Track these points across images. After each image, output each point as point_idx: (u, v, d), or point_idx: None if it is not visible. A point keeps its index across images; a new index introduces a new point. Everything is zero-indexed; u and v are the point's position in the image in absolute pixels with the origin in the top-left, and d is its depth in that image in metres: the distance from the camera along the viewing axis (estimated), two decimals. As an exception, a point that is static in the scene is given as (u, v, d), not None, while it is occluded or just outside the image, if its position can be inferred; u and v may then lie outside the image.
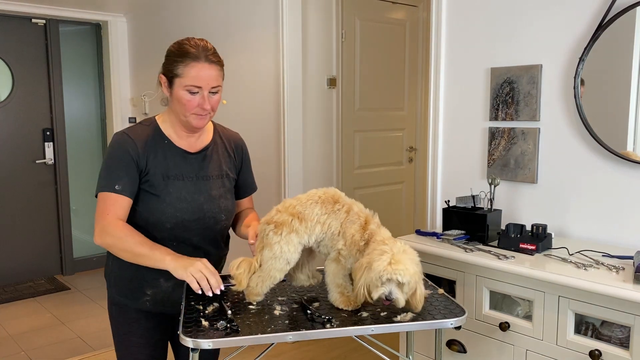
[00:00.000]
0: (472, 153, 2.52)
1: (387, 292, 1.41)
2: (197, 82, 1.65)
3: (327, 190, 1.61)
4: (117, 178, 1.67)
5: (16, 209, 4.62)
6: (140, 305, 1.81)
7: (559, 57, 2.19)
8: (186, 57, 1.66)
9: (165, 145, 1.74)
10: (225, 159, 1.84)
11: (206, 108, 1.68)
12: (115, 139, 1.73)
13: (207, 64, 1.66)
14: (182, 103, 1.67)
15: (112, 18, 4.80)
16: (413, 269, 1.42)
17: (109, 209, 1.65)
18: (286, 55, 3.29)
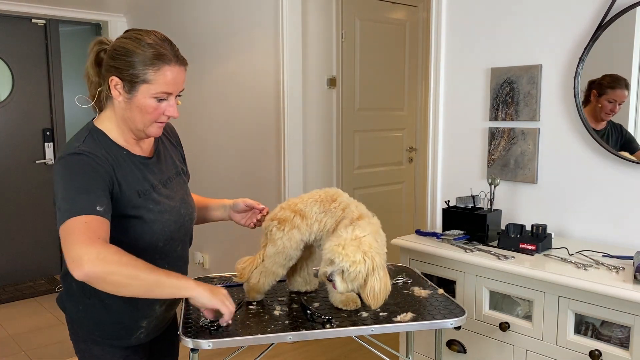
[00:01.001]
0: (472, 153, 2.52)
1: (329, 273, 1.41)
2: (169, 88, 1.43)
3: (328, 190, 1.63)
4: (94, 198, 1.35)
5: (16, 209, 4.62)
6: (134, 341, 1.56)
7: (559, 57, 2.19)
8: (158, 61, 1.41)
9: (124, 156, 1.48)
10: (175, 155, 1.68)
11: (174, 115, 1.48)
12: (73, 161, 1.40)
13: (177, 67, 1.44)
14: (147, 112, 1.44)
15: (112, 18, 4.80)
16: (355, 258, 1.38)
17: (97, 231, 1.31)
18: (286, 55, 3.29)
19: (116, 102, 1.46)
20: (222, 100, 3.85)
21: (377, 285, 1.41)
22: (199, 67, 4.01)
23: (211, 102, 3.95)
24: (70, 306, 1.55)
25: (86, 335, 1.55)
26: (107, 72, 1.44)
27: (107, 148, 1.46)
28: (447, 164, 2.64)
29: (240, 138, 3.73)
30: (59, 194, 1.37)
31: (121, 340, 1.55)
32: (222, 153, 3.91)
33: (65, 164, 1.40)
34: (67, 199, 1.35)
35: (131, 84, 1.41)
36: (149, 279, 1.30)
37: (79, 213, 1.31)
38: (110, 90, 1.44)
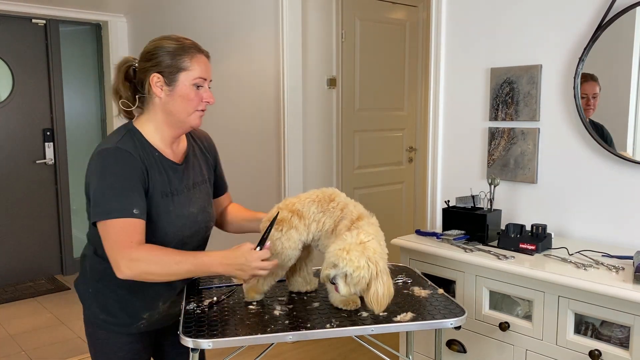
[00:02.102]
0: (472, 153, 2.52)
1: (332, 276, 1.43)
2: (205, 74, 1.57)
3: (325, 190, 1.63)
4: (131, 201, 1.47)
5: (16, 209, 4.62)
6: (134, 329, 1.65)
7: (559, 57, 2.19)
8: (191, 49, 1.56)
9: (156, 158, 1.58)
10: (203, 162, 1.76)
11: (211, 101, 1.59)
12: (112, 154, 1.50)
13: (205, 57, 1.60)
14: (188, 98, 1.55)
15: (112, 18, 4.80)
16: (359, 263, 1.39)
17: (132, 236, 1.45)
18: (286, 55, 3.29)
19: (157, 100, 1.57)
20: (222, 100, 3.85)
21: (381, 290, 1.42)
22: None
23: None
24: (82, 288, 1.68)
25: (92, 318, 1.66)
26: (145, 74, 1.56)
27: (142, 147, 1.56)
28: (447, 164, 2.64)
29: (240, 138, 3.73)
30: (95, 187, 1.48)
31: (122, 327, 1.64)
32: (222, 153, 3.90)
33: (103, 157, 1.50)
34: (104, 197, 1.47)
35: (171, 75, 1.54)
36: (180, 271, 1.47)
37: (116, 216, 1.45)
38: (150, 91, 1.56)
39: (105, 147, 1.52)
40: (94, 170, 1.50)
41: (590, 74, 2.09)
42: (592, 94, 2.11)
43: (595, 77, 2.09)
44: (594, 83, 2.10)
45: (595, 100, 2.10)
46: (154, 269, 1.45)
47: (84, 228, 5.32)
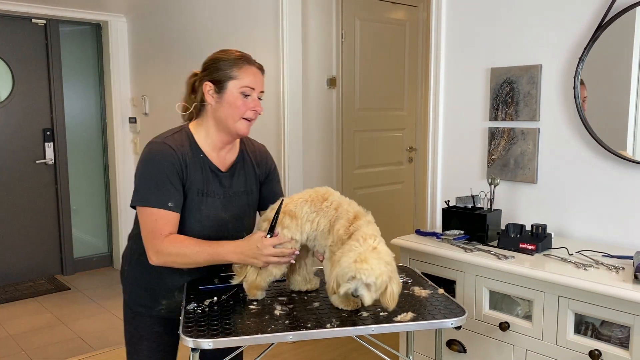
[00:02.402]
0: (472, 153, 2.52)
1: (353, 289, 1.42)
2: (253, 84, 1.68)
3: (318, 189, 1.65)
4: (168, 194, 1.62)
5: (16, 209, 4.62)
6: (155, 312, 1.79)
7: (559, 57, 2.19)
8: (240, 61, 1.69)
9: (200, 159, 1.72)
10: (250, 175, 1.83)
11: (259, 110, 1.70)
12: (157, 148, 1.66)
13: (257, 70, 1.71)
14: (236, 106, 1.67)
15: (112, 18, 4.80)
16: (380, 269, 1.41)
17: (162, 228, 1.62)
18: (286, 55, 3.29)
19: (209, 107, 1.71)
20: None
21: (396, 289, 1.45)
22: (199, 67, 4.01)
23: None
24: (123, 263, 1.86)
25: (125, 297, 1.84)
26: (201, 83, 1.71)
27: (189, 146, 1.70)
28: (447, 164, 2.64)
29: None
30: (138, 175, 1.66)
31: (145, 308, 1.79)
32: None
33: (150, 149, 1.67)
34: (145, 185, 1.64)
35: (221, 83, 1.68)
36: (199, 260, 1.62)
37: (152, 205, 1.62)
38: (204, 99, 1.71)
39: (155, 140, 1.70)
40: (141, 159, 1.67)
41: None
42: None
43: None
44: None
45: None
46: (177, 259, 1.63)
47: (84, 228, 5.35)
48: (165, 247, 1.61)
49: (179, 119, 1.80)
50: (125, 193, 5.02)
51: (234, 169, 1.78)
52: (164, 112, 4.51)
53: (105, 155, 5.08)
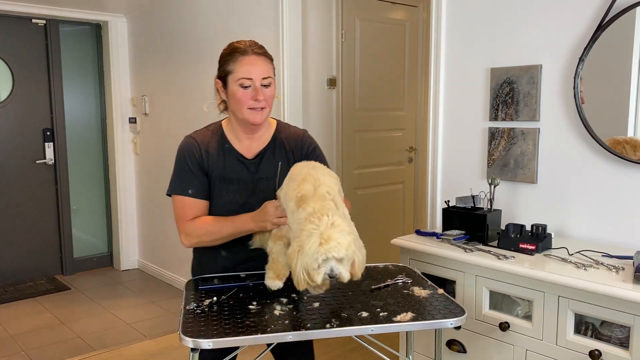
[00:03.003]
0: (472, 153, 2.52)
1: (329, 271, 1.40)
2: (248, 74, 1.71)
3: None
4: (188, 182, 1.79)
5: (16, 209, 4.62)
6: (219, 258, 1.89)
7: (559, 57, 2.19)
8: (235, 53, 1.73)
9: (225, 149, 1.82)
10: (284, 160, 1.84)
11: (259, 99, 1.72)
12: (183, 142, 1.84)
13: (254, 57, 1.73)
14: (237, 98, 1.73)
15: (112, 18, 4.80)
16: (346, 241, 1.39)
17: (187, 213, 1.79)
18: (286, 55, 3.29)
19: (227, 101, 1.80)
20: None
21: (362, 257, 1.46)
22: (199, 67, 4.01)
23: (211, 102, 3.95)
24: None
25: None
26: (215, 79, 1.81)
27: (216, 138, 1.83)
28: (447, 164, 2.64)
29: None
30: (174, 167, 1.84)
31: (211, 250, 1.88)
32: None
33: (180, 143, 1.84)
34: (172, 176, 1.83)
35: (224, 80, 1.76)
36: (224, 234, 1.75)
37: (175, 193, 1.81)
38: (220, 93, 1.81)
39: (186, 135, 1.86)
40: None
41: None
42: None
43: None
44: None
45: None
46: (205, 238, 1.77)
47: (84, 228, 5.35)
48: (192, 229, 1.77)
49: (178, 119, 1.83)
50: (125, 193, 5.02)
51: (261, 156, 1.83)
52: (164, 112, 4.51)
53: (105, 155, 5.08)
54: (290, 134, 1.88)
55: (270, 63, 1.77)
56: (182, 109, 4.25)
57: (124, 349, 3.37)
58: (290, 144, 1.87)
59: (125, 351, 3.33)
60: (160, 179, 4.67)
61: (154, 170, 4.77)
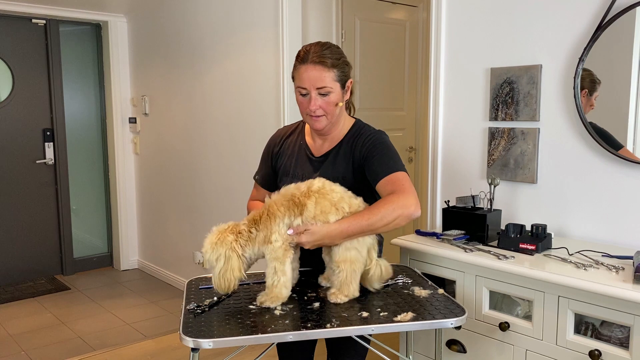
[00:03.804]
0: (472, 153, 2.52)
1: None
2: (302, 83, 1.72)
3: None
4: (259, 169, 1.98)
5: (16, 209, 4.62)
6: None
7: (559, 57, 2.19)
8: (296, 62, 1.75)
9: (300, 145, 1.89)
10: (346, 162, 1.80)
11: (311, 109, 1.72)
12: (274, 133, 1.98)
13: (310, 65, 1.70)
14: (298, 104, 1.79)
15: (112, 18, 4.80)
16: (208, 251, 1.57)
17: (252, 194, 2.03)
18: (286, 55, 3.29)
19: None
20: (222, 101, 3.86)
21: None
22: (199, 67, 4.01)
23: (211, 102, 3.95)
24: None
25: None
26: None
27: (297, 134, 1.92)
28: (447, 164, 2.64)
29: (241, 138, 3.73)
30: None
31: None
32: (223, 153, 3.91)
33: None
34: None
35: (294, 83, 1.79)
36: None
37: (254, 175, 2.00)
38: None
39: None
40: None
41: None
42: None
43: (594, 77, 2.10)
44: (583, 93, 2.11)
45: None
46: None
47: (84, 228, 5.34)
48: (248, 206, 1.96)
49: (178, 119, 1.82)
50: (125, 193, 5.02)
51: (327, 155, 1.84)
52: (164, 112, 4.51)
53: (105, 155, 5.08)
54: (355, 131, 1.83)
55: (329, 70, 1.70)
56: (182, 109, 4.25)
57: (124, 349, 3.37)
58: (357, 144, 1.80)
59: (125, 351, 3.33)
60: (161, 179, 4.67)
61: (154, 170, 4.77)
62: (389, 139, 1.82)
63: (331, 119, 1.76)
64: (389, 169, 1.71)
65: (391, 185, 1.67)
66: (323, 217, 1.58)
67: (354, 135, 1.83)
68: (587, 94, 2.12)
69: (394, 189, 1.66)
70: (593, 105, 2.11)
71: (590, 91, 2.11)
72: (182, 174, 4.36)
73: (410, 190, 1.66)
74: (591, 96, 2.11)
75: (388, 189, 1.67)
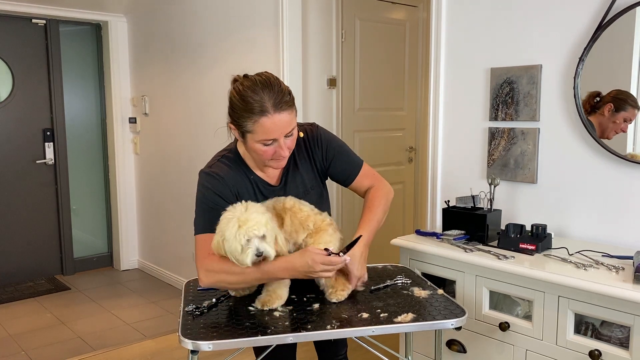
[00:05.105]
0: (472, 153, 2.52)
1: (255, 250, 1.45)
2: (270, 135, 1.54)
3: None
4: (215, 217, 1.56)
5: (16, 209, 4.62)
6: None
7: (559, 57, 2.19)
8: (252, 114, 1.53)
9: (252, 180, 1.70)
10: (307, 171, 1.77)
11: (284, 155, 1.60)
12: (204, 179, 1.66)
13: (277, 114, 1.53)
14: (259, 154, 1.60)
15: (112, 18, 4.80)
16: (264, 218, 1.47)
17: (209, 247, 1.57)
18: (286, 55, 3.29)
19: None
20: (222, 100, 3.85)
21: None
22: (199, 67, 4.01)
23: (211, 102, 3.95)
24: None
25: None
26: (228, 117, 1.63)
27: (237, 169, 1.69)
28: (447, 164, 2.64)
29: (240, 138, 3.73)
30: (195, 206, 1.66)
31: None
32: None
33: (199, 179, 1.67)
34: (196, 215, 1.65)
35: (241, 132, 1.60)
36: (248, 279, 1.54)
37: (200, 232, 1.62)
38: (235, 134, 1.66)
39: (202, 170, 1.68)
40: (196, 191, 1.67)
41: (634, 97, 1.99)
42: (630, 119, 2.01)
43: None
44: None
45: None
46: (226, 278, 1.54)
47: (84, 228, 5.34)
48: (212, 264, 1.55)
49: (178, 119, 1.80)
50: (125, 193, 5.02)
51: (285, 177, 1.74)
52: (164, 112, 4.51)
53: (105, 155, 5.08)
54: (306, 140, 1.77)
55: (292, 110, 1.58)
56: (182, 109, 4.25)
57: (124, 349, 3.37)
58: (309, 149, 1.77)
59: (125, 351, 3.33)
60: (161, 179, 4.67)
61: (154, 170, 4.77)
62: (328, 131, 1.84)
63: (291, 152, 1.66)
64: (356, 165, 1.82)
65: (367, 179, 1.83)
66: (295, 235, 1.62)
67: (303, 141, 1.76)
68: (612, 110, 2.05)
69: (372, 182, 1.83)
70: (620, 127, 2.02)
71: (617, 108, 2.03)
72: (182, 174, 4.36)
73: (380, 176, 1.86)
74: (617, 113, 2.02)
75: (366, 184, 1.83)
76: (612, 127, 2.05)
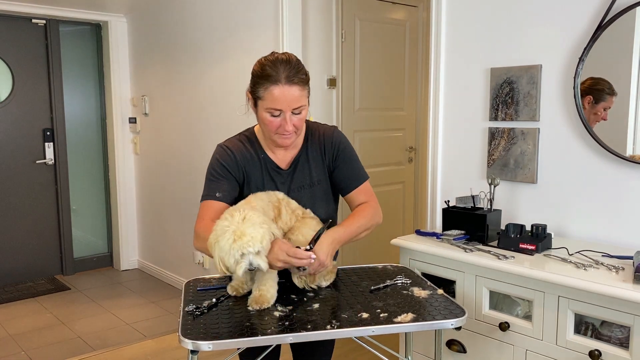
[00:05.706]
0: (472, 153, 2.52)
1: (248, 265, 1.46)
2: (277, 105, 1.61)
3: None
4: (217, 186, 1.71)
5: (16, 209, 4.62)
6: None
7: (559, 57, 2.19)
8: (266, 81, 1.61)
9: (261, 159, 1.77)
10: (317, 166, 1.80)
11: (288, 130, 1.64)
12: (216, 151, 1.78)
13: (287, 86, 1.60)
14: (265, 124, 1.67)
15: (112, 18, 4.80)
16: (259, 234, 1.46)
17: (205, 214, 1.68)
18: (286, 55, 3.29)
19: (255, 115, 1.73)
20: (222, 100, 3.85)
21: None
22: (199, 67, 4.01)
23: (211, 102, 3.95)
24: None
25: None
26: (247, 90, 1.72)
27: (251, 147, 1.78)
28: (447, 164, 2.64)
29: (240, 138, 3.73)
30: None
31: None
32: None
33: (214, 152, 1.79)
34: (204, 186, 1.75)
35: (254, 100, 1.67)
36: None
37: (203, 199, 1.73)
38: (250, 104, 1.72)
39: (218, 143, 1.80)
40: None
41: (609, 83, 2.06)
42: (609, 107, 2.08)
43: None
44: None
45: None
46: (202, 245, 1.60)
47: (84, 228, 5.34)
48: (201, 230, 1.63)
49: (178, 119, 1.82)
50: (125, 193, 5.02)
51: (295, 164, 1.78)
52: (164, 112, 4.51)
53: (105, 155, 5.08)
54: (321, 134, 1.81)
55: (304, 88, 1.65)
56: (182, 109, 4.25)
57: (124, 349, 3.37)
58: (322, 146, 1.81)
59: (125, 351, 3.33)
60: (161, 179, 4.67)
61: (154, 170, 4.77)
62: (346, 138, 1.86)
63: (299, 134, 1.73)
64: (361, 177, 1.83)
65: (364, 196, 1.82)
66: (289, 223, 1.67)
67: (319, 136, 1.81)
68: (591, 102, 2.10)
69: (367, 199, 1.82)
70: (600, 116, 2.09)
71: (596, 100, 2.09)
72: (182, 173, 4.36)
73: (376, 199, 1.85)
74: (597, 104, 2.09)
75: (361, 199, 1.82)
76: (594, 118, 2.09)
